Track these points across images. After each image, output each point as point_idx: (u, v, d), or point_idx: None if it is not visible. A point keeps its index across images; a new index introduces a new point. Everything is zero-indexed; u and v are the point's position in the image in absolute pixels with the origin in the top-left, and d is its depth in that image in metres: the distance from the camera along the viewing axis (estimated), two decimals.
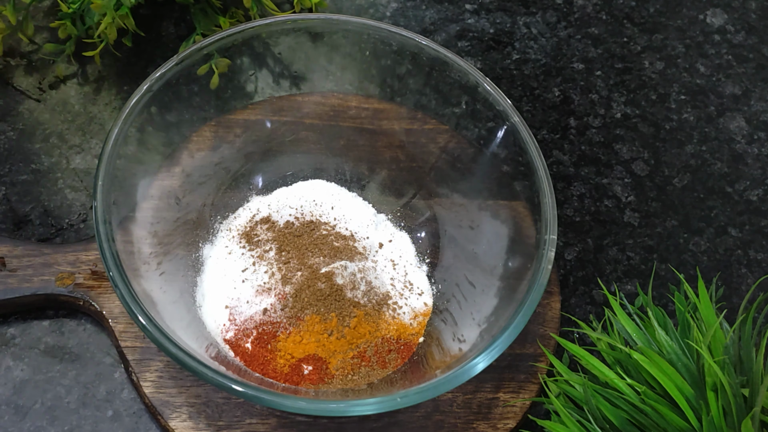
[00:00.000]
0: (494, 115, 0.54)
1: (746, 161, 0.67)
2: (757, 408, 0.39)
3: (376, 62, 0.58)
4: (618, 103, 0.69)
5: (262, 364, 0.50)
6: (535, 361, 0.53)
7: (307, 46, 0.58)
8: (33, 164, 0.61)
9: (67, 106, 0.64)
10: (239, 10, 0.67)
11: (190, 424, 0.48)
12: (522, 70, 0.70)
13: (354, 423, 0.50)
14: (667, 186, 0.65)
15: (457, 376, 0.44)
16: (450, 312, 0.54)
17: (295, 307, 0.52)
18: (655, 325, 0.46)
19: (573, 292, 0.59)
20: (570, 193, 0.64)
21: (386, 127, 0.60)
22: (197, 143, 0.57)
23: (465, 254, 0.56)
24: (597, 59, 0.72)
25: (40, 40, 0.66)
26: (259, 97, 0.59)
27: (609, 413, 0.44)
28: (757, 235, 0.64)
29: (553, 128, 0.67)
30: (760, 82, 0.72)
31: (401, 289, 0.56)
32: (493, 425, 0.50)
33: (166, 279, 0.51)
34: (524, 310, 0.46)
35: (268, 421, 0.49)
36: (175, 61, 0.52)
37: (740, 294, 0.61)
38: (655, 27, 0.75)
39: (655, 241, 0.62)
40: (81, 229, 0.58)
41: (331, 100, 0.60)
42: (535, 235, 0.50)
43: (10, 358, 0.52)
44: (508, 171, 0.54)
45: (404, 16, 0.72)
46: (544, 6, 0.75)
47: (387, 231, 0.58)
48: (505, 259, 0.53)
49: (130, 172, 0.51)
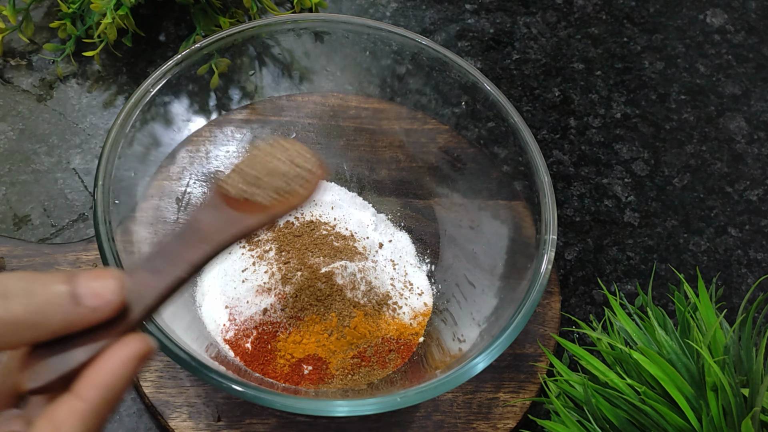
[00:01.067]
0: (494, 115, 0.54)
1: (746, 161, 0.67)
2: (757, 408, 0.39)
3: (376, 62, 0.58)
4: (618, 103, 0.69)
5: (262, 364, 0.50)
6: (535, 361, 0.53)
7: (307, 46, 0.58)
8: (33, 164, 0.61)
9: (67, 106, 0.64)
10: (239, 10, 0.67)
11: (190, 424, 0.48)
12: (522, 70, 0.70)
13: (354, 423, 0.50)
14: (667, 186, 0.65)
15: (457, 376, 0.44)
16: (450, 312, 0.54)
17: (295, 307, 0.52)
18: (655, 325, 0.46)
19: (573, 292, 0.59)
20: (570, 193, 0.64)
21: (386, 127, 0.59)
22: (197, 143, 0.57)
23: (465, 254, 0.56)
24: (597, 59, 0.72)
25: (40, 40, 0.66)
26: (259, 97, 0.59)
27: (609, 413, 0.44)
28: (757, 235, 0.64)
29: (553, 128, 0.67)
30: (760, 82, 0.72)
31: (401, 289, 0.56)
32: (493, 425, 0.50)
33: None
34: (524, 310, 0.46)
35: (268, 421, 0.49)
36: (175, 61, 0.52)
37: (740, 294, 0.61)
38: (655, 27, 0.75)
39: (655, 241, 0.62)
40: (81, 229, 0.58)
41: (331, 100, 0.60)
42: (535, 235, 0.50)
43: None
44: (508, 171, 0.54)
45: (404, 16, 0.72)
46: (544, 6, 0.75)
47: (387, 231, 0.58)
48: (505, 259, 0.53)
49: (130, 172, 0.51)
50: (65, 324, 0.27)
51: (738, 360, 0.43)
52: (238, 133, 0.58)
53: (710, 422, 0.40)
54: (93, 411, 0.27)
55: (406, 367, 0.52)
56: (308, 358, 0.51)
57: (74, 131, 0.63)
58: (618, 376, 0.45)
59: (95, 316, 0.28)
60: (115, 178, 0.48)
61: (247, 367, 0.50)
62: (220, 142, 0.58)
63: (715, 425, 0.40)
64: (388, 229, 0.59)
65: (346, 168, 0.60)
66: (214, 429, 0.48)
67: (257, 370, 0.50)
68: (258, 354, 0.51)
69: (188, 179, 0.56)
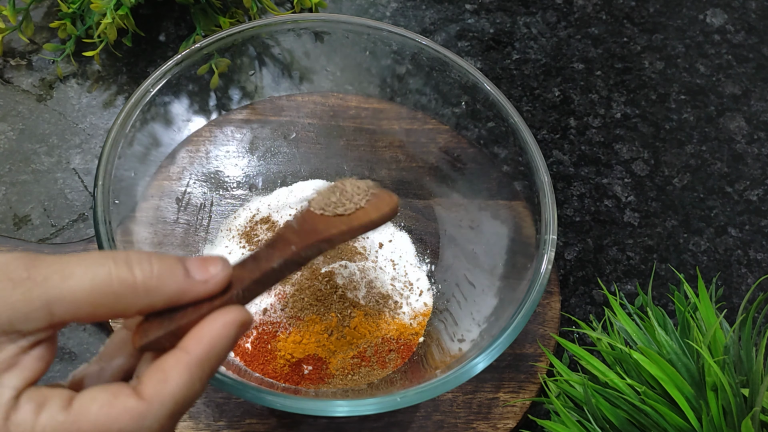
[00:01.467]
0: (494, 115, 0.54)
1: (746, 161, 0.67)
2: (757, 408, 0.39)
3: (376, 62, 0.58)
4: (618, 103, 0.69)
5: (262, 364, 0.50)
6: (535, 361, 0.53)
7: (307, 46, 0.58)
8: (33, 164, 0.61)
9: (67, 106, 0.64)
10: (239, 10, 0.67)
11: (190, 424, 0.48)
12: (522, 70, 0.70)
13: (354, 423, 0.50)
14: (667, 186, 0.65)
15: (457, 376, 0.44)
16: (450, 312, 0.54)
17: (295, 307, 0.52)
18: (655, 325, 0.46)
19: (573, 292, 0.59)
20: (570, 193, 0.64)
21: (386, 127, 0.59)
22: (197, 143, 0.57)
23: (465, 254, 0.56)
24: (597, 59, 0.72)
25: (40, 40, 0.66)
26: (259, 97, 0.59)
27: (609, 413, 0.44)
28: (757, 235, 0.64)
29: (553, 128, 0.67)
30: (760, 82, 0.72)
31: (401, 288, 0.56)
32: (493, 425, 0.50)
33: None
34: (524, 310, 0.46)
35: (268, 421, 0.49)
36: (175, 61, 0.52)
37: (740, 294, 0.61)
38: (655, 27, 0.75)
39: (655, 241, 0.62)
40: (81, 229, 0.58)
41: (331, 100, 0.60)
42: (535, 235, 0.50)
43: None
44: (508, 171, 0.54)
45: (404, 16, 0.72)
46: (544, 6, 0.75)
47: (387, 231, 0.58)
48: (505, 259, 0.53)
49: (130, 172, 0.51)
50: (178, 293, 0.31)
51: (738, 360, 0.43)
52: (238, 133, 0.58)
53: (710, 422, 0.40)
54: (197, 363, 0.30)
55: (406, 367, 0.52)
56: (308, 358, 0.51)
57: (74, 131, 0.63)
58: (618, 376, 0.45)
59: (204, 288, 0.31)
60: (115, 178, 0.48)
61: (247, 367, 0.50)
62: (220, 142, 0.58)
63: (715, 425, 0.40)
64: (388, 229, 0.59)
65: (346, 168, 0.60)
66: (214, 429, 0.48)
67: (257, 370, 0.50)
68: (258, 354, 0.51)
69: (188, 179, 0.56)
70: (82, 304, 0.29)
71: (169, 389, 0.30)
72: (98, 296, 0.29)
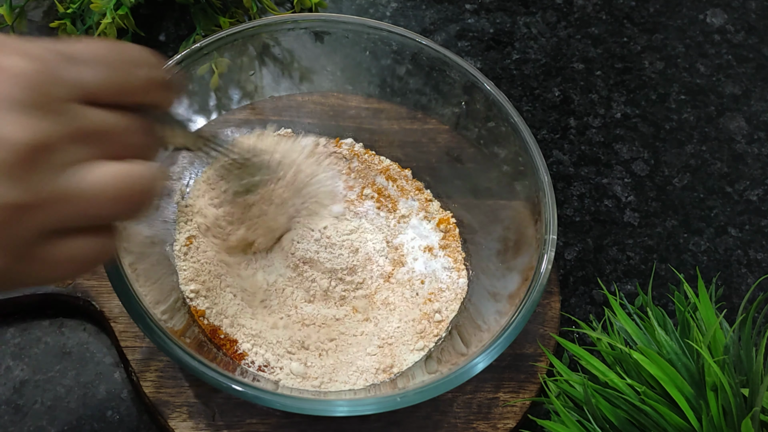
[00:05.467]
0: (494, 115, 0.54)
1: (746, 161, 0.67)
2: (757, 408, 0.39)
3: (376, 62, 0.58)
4: (618, 103, 0.70)
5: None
6: (535, 361, 0.53)
7: (307, 46, 0.58)
8: None
9: None
10: (239, 10, 0.67)
11: (190, 424, 0.48)
12: (522, 70, 0.70)
13: (354, 423, 0.50)
14: (667, 186, 0.65)
15: (457, 376, 0.44)
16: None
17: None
18: (655, 325, 0.46)
19: (573, 292, 0.59)
20: (570, 193, 0.64)
21: (386, 127, 0.59)
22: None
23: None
24: (597, 59, 0.72)
25: None
26: (259, 97, 0.59)
27: (609, 413, 0.44)
28: (757, 235, 0.64)
29: (553, 128, 0.67)
30: (760, 82, 0.72)
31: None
32: (493, 425, 0.50)
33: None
34: (524, 310, 0.46)
35: (268, 421, 0.49)
36: (175, 61, 0.52)
37: (740, 294, 0.61)
38: (655, 27, 0.75)
39: (655, 241, 0.62)
40: None
41: (331, 100, 0.60)
42: (535, 235, 0.50)
43: (10, 358, 0.52)
44: (508, 171, 0.54)
45: (404, 16, 0.72)
46: (544, 6, 0.75)
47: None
48: (505, 259, 0.53)
49: None
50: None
51: (738, 360, 0.43)
52: (238, 133, 0.58)
53: (710, 422, 0.40)
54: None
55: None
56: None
57: None
58: (618, 376, 0.45)
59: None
60: None
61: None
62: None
63: (715, 425, 0.40)
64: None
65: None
66: (214, 429, 0.48)
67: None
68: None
69: (188, 179, 0.56)
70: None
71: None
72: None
